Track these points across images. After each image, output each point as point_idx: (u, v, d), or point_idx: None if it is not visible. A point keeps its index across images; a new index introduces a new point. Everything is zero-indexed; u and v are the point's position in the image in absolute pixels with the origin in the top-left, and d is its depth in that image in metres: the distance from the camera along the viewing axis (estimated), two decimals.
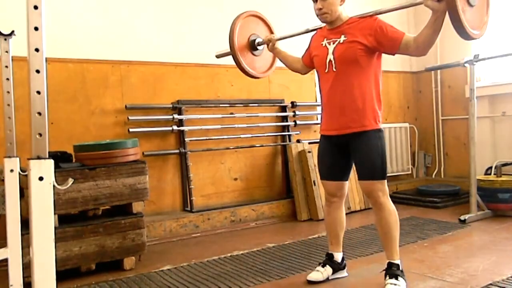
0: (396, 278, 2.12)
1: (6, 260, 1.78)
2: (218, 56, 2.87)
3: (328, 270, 2.36)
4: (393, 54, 2.17)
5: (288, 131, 4.22)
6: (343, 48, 2.18)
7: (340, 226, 2.42)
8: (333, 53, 2.21)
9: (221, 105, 3.84)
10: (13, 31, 1.91)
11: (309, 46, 2.47)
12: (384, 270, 2.19)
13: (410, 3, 2.14)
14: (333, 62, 2.21)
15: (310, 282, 2.33)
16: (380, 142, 2.21)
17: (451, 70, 4.67)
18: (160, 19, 3.62)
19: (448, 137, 4.96)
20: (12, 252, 1.78)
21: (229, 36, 2.64)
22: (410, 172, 5.09)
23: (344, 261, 2.44)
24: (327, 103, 2.29)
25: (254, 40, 2.72)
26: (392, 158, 4.87)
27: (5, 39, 1.91)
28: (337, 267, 2.40)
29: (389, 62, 4.95)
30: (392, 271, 2.15)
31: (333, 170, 2.34)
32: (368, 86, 2.19)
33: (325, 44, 2.26)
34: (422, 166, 5.17)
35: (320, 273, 2.35)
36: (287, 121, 4.21)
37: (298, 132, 4.28)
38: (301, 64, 2.55)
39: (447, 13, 1.86)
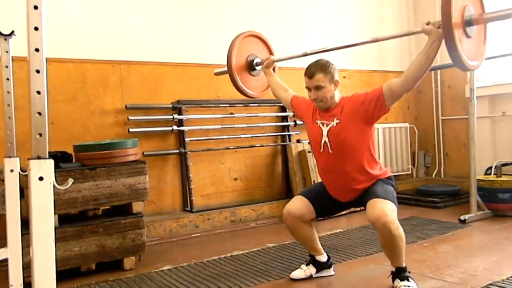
0: (408, 280, 2.13)
1: (6, 260, 1.78)
2: (217, 74, 2.97)
3: (311, 269, 2.43)
4: (388, 109, 2.18)
5: (288, 131, 4.22)
6: (336, 131, 2.23)
7: (309, 241, 2.42)
8: (327, 136, 2.25)
9: (221, 105, 3.84)
10: (13, 31, 1.91)
11: (302, 104, 2.48)
12: (390, 275, 2.18)
13: (409, 32, 2.17)
14: (328, 144, 2.25)
15: (292, 279, 2.39)
16: (388, 186, 2.24)
17: (451, 70, 4.67)
18: (160, 19, 3.62)
19: (448, 137, 4.96)
20: (12, 252, 1.78)
21: (227, 56, 2.71)
22: (410, 172, 5.09)
23: (331, 260, 2.47)
24: (324, 176, 2.37)
25: (253, 60, 2.77)
26: (392, 158, 4.87)
27: (5, 39, 1.91)
28: (321, 266, 2.44)
29: (389, 62, 4.96)
30: (402, 274, 2.15)
31: (318, 201, 2.36)
32: (365, 155, 2.23)
33: (319, 125, 2.30)
34: (422, 166, 5.17)
35: (303, 271, 2.42)
36: (287, 121, 4.21)
37: (298, 132, 4.28)
38: (288, 99, 2.59)
39: (443, 42, 1.87)
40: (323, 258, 2.44)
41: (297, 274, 2.41)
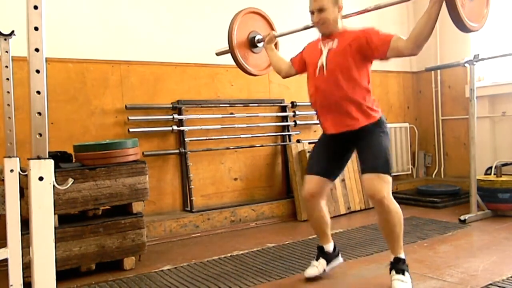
0: (403, 273, 2.12)
1: (6, 260, 1.78)
2: (218, 54, 2.87)
3: (322, 262, 2.39)
4: (386, 58, 2.15)
5: (288, 131, 4.22)
6: (335, 51, 2.21)
7: (325, 224, 2.42)
8: (326, 56, 2.23)
9: (221, 105, 3.84)
10: (13, 31, 1.91)
11: (302, 50, 2.48)
12: (389, 264, 2.19)
13: None
14: (324, 65, 2.22)
15: (309, 279, 2.35)
16: (382, 135, 2.19)
17: (451, 70, 4.67)
18: (160, 19, 3.62)
19: (448, 137, 4.96)
20: (12, 252, 1.78)
21: (228, 33, 2.64)
22: (410, 172, 5.09)
23: (337, 249, 2.46)
24: (319, 106, 2.30)
25: (254, 37, 2.72)
26: (392, 158, 4.87)
27: (5, 39, 1.91)
28: (330, 257, 2.43)
29: (389, 62, 4.94)
30: (399, 265, 2.15)
31: (323, 164, 2.32)
32: (358, 85, 2.18)
33: (320, 47, 2.29)
34: (422, 166, 5.17)
35: (316, 267, 2.38)
36: (287, 121, 4.21)
37: (298, 132, 4.28)
38: (289, 65, 2.54)
39: (443, 4, 1.85)
40: (330, 247, 2.43)
41: (311, 272, 2.36)
